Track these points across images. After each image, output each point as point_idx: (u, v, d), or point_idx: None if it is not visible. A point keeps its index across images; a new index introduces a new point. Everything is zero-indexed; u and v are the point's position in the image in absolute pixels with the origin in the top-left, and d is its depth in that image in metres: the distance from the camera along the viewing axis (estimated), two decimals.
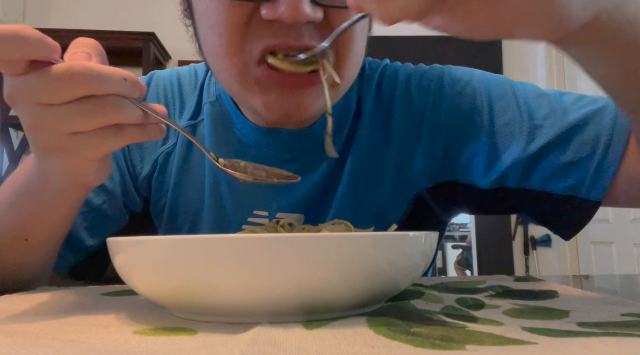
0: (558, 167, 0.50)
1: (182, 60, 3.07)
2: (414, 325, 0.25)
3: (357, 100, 0.58)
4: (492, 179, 0.54)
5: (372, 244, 0.26)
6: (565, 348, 0.21)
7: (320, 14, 0.42)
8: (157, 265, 0.26)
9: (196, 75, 0.62)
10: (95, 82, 0.32)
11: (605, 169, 0.48)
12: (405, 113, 0.57)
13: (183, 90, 0.61)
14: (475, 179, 0.55)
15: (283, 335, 0.23)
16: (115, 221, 0.56)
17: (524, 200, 0.53)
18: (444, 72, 0.58)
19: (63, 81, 0.31)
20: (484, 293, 0.37)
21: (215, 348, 0.22)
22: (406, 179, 0.56)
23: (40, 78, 0.31)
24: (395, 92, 0.58)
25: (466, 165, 0.55)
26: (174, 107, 0.60)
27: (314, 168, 0.56)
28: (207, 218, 0.57)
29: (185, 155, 0.58)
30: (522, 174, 0.52)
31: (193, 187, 0.58)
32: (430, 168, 0.56)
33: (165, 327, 0.26)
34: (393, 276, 0.28)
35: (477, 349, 0.21)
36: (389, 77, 0.60)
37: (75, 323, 0.28)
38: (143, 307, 0.33)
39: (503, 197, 0.54)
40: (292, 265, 0.25)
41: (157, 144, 0.58)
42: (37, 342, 0.23)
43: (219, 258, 0.25)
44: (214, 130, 0.58)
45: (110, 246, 0.30)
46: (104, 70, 0.32)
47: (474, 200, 0.57)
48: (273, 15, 0.41)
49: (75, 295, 0.38)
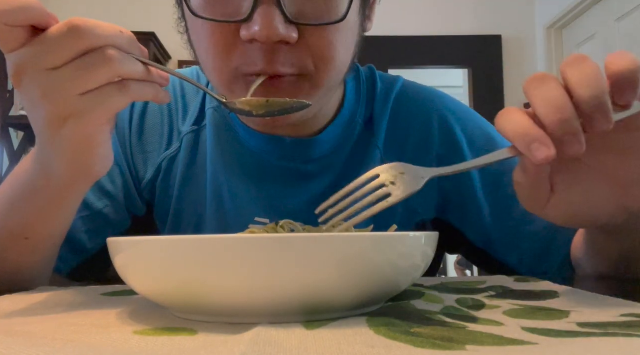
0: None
1: (182, 60, 3.07)
2: (414, 325, 0.25)
3: (370, 116, 0.59)
4: (481, 239, 0.58)
5: (372, 244, 0.26)
6: (565, 348, 0.21)
7: (294, 34, 0.42)
8: (157, 265, 0.26)
9: (199, 79, 0.62)
10: (92, 34, 0.33)
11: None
12: (421, 141, 0.59)
13: (186, 92, 0.61)
14: (467, 230, 0.59)
15: (283, 335, 0.23)
16: (117, 225, 0.57)
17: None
18: (468, 118, 0.61)
19: (63, 37, 0.33)
20: (484, 293, 0.37)
21: (215, 348, 0.21)
22: (413, 205, 0.58)
23: (42, 41, 0.33)
24: (414, 121, 0.60)
25: (460, 214, 0.59)
26: (176, 110, 0.60)
27: (316, 177, 0.56)
28: (209, 224, 0.57)
29: (189, 160, 0.58)
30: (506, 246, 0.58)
31: (196, 191, 0.58)
32: (434, 200, 0.59)
33: (165, 327, 0.26)
34: (393, 276, 0.28)
35: (477, 349, 0.21)
36: (408, 102, 0.61)
37: (75, 323, 0.28)
38: (143, 307, 0.33)
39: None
40: (292, 265, 0.25)
41: (160, 148, 0.59)
42: (37, 342, 0.23)
43: (219, 258, 0.25)
44: (217, 136, 0.58)
45: (110, 246, 0.30)
46: (99, 23, 0.34)
47: (467, 248, 0.61)
48: (248, 35, 0.41)
49: (75, 295, 0.38)
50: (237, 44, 0.43)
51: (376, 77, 0.62)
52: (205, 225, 0.58)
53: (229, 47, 0.44)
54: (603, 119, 0.30)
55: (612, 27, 2.67)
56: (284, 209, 0.55)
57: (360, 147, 0.58)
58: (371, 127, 0.59)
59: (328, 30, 0.44)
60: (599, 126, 0.31)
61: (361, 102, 0.60)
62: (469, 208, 0.58)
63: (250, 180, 0.57)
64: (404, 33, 3.23)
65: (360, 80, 0.61)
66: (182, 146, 0.59)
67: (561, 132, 0.30)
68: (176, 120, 0.60)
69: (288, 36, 0.42)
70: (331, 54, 0.45)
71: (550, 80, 0.32)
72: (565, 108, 0.30)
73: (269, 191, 0.57)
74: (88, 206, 0.54)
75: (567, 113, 0.30)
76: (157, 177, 0.58)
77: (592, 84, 0.30)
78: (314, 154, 0.56)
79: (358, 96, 0.60)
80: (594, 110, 0.30)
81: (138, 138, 0.59)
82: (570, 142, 0.30)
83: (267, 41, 0.41)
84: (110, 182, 0.56)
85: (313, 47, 0.44)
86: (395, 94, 0.61)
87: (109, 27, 0.34)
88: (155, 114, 0.60)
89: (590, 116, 0.30)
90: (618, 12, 2.62)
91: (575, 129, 0.30)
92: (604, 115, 0.30)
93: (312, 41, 0.44)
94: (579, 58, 0.32)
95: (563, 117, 0.30)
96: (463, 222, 0.59)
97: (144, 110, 0.60)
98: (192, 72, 0.63)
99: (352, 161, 0.58)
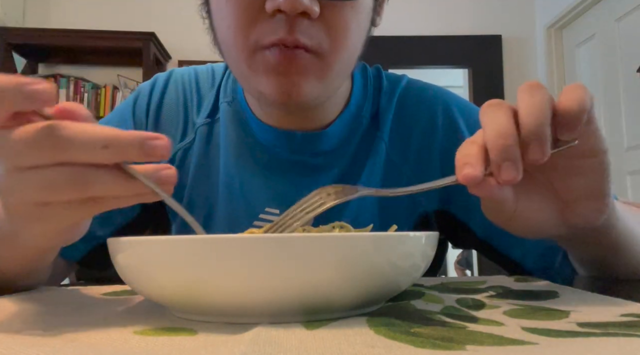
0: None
1: (182, 60, 3.07)
2: (414, 325, 0.25)
3: (375, 111, 0.62)
4: (485, 232, 0.59)
5: (372, 244, 0.26)
6: (565, 348, 0.21)
7: (316, 8, 0.45)
8: (157, 265, 0.26)
9: (213, 75, 0.65)
10: (68, 148, 0.27)
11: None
12: (425, 135, 0.61)
13: (200, 86, 0.64)
14: (470, 222, 0.60)
15: (283, 335, 0.23)
16: (127, 212, 0.59)
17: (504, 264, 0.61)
18: (471, 113, 0.63)
19: (35, 142, 0.27)
20: (484, 293, 0.37)
21: (215, 348, 0.22)
22: (417, 196, 0.60)
23: (10, 136, 0.27)
24: (419, 115, 0.62)
25: (464, 205, 0.60)
26: (191, 103, 0.63)
27: (324, 170, 0.58)
28: (220, 213, 0.59)
29: (202, 151, 0.61)
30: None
31: (208, 182, 0.60)
32: (437, 191, 0.59)
33: (165, 327, 0.26)
34: (393, 276, 0.28)
35: (477, 349, 0.21)
36: (412, 97, 0.63)
37: (75, 323, 0.28)
38: (143, 307, 0.33)
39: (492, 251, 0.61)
40: (292, 265, 0.25)
41: (175, 139, 0.62)
42: (37, 342, 0.23)
43: (219, 258, 0.25)
44: (230, 129, 0.61)
45: (110, 246, 0.30)
46: (84, 131, 0.28)
47: (471, 240, 0.61)
48: (274, 5, 0.44)
49: (75, 295, 0.38)
50: (258, 19, 0.46)
51: (382, 75, 0.65)
52: (216, 215, 0.60)
53: (251, 21, 0.46)
54: (537, 148, 0.32)
55: (612, 27, 2.67)
56: (292, 201, 0.56)
57: (366, 141, 0.60)
58: (377, 122, 0.61)
59: (345, 9, 0.47)
60: (533, 155, 0.32)
61: (367, 98, 0.62)
62: (472, 199, 0.59)
63: (261, 172, 0.59)
64: (404, 33, 3.23)
65: (367, 77, 0.64)
66: (196, 138, 0.61)
67: (501, 157, 0.32)
68: (191, 113, 0.63)
69: (311, 8, 0.44)
70: (346, 33, 0.48)
71: (503, 108, 0.34)
72: (508, 135, 0.32)
73: (278, 183, 0.58)
74: None
75: (509, 140, 0.32)
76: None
77: (535, 113, 0.32)
78: (322, 147, 0.58)
79: (365, 92, 0.62)
80: (531, 138, 0.32)
81: (154, 129, 0.61)
82: (507, 168, 0.32)
83: (291, 10, 0.43)
84: None
85: (330, 23, 0.47)
86: (400, 89, 0.63)
87: (92, 138, 0.28)
88: (172, 106, 0.63)
89: (527, 143, 0.32)
90: (618, 12, 2.63)
91: (513, 155, 0.32)
92: (540, 145, 0.32)
93: (330, 18, 0.47)
94: (534, 86, 0.34)
95: (505, 142, 0.32)
96: (467, 214, 0.60)
97: (161, 103, 0.63)
98: (208, 69, 0.66)
99: (358, 154, 0.59)
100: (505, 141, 0.32)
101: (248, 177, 0.59)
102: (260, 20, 0.46)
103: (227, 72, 0.65)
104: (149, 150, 0.29)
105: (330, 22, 0.47)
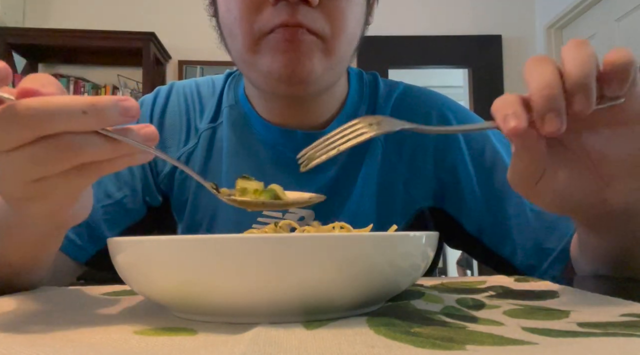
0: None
1: (182, 60, 3.07)
2: (414, 325, 0.25)
3: (372, 112, 0.64)
4: (476, 228, 0.61)
5: (372, 244, 0.26)
6: (565, 348, 0.21)
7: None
8: (157, 265, 0.26)
9: (214, 85, 0.68)
10: (43, 122, 0.27)
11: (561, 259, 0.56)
12: (419, 136, 0.62)
13: (202, 95, 0.67)
14: (462, 218, 0.61)
15: (283, 335, 0.23)
16: (134, 214, 0.61)
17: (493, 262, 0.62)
18: (466, 116, 0.65)
19: (5, 123, 0.27)
20: (484, 293, 0.37)
21: (215, 348, 0.22)
22: (412, 193, 0.62)
23: None
24: (414, 116, 0.63)
25: (457, 202, 0.61)
26: (194, 110, 0.65)
27: (326, 169, 0.60)
28: (223, 215, 0.61)
29: (206, 154, 0.63)
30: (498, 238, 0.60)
31: None
32: (431, 188, 0.62)
33: (165, 327, 0.26)
34: (393, 276, 0.28)
35: (477, 349, 0.21)
36: (409, 101, 0.65)
37: (75, 323, 0.28)
38: (143, 307, 0.33)
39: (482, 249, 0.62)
40: (292, 265, 0.25)
41: (179, 144, 0.64)
42: (37, 342, 0.23)
43: (219, 258, 0.25)
44: (233, 131, 0.63)
45: (110, 246, 0.30)
46: (50, 103, 0.27)
47: (462, 238, 0.63)
48: None
49: (75, 295, 0.38)
50: (262, 9, 0.50)
51: (379, 80, 0.67)
52: (220, 216, 0.61)
53: (255, 10, 0.50)
54: (583, 99, 0.31)
55: (612, 27, 2.67)
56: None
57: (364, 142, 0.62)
58: None
59: (341, 0, 0.51)
60: (578, 106, 0.31)
61: (363, 99, 0.64)
62: (464, 196, 0.61)
63: (262, 172, 0.60)
64: (404, 33, 3.23)
65: (363, 81, 0.66)
66: (199, 142, 0.63)
67: (545, 107, 0.32)
68: (193, 119, 0.65)
69: None
70: (344, 21, 0.52)
71: (548, 61, 0.33)
72: (553, 85, 0.32)
73: (279, 183, 0.60)
74: (108, 195, 0.58)
75: (553, 90, 0.31)
76: (175, 171, 0.63)
77: (582, 64, 0.32)
78: None
79: (361, 93, 0.65)
80: (576, 88, 0.31)
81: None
82: (550, 119, 0.32)
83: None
84: (130, 174, 0.61)
85: (329, 11, 0.51)
86: (397, 93, 0.65)
87: (65, 107, 0.27)
88: (174, 112, 0.65)
89: (572, 95, 0.32)
90: (618, 12, 2.62)
91: (557, 105, 0.31)
92: (585, 95, 0.31)
93: (329, 5, 0.51)
94: (579, 42, 0.33)
95: (549, 93, 0.31)
96: (459, 210, 0.62)
97: (164, 109, 0.65)
98: (208, 81, 0.68)
99: (354, 155, 0.61)
100: (551, 91, 0.31)
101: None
102: (264, 9, 0.50)
103: (228, 80, 0.67)
104: (123, 110, 0.29)
105: (329, 10, 0.50)
